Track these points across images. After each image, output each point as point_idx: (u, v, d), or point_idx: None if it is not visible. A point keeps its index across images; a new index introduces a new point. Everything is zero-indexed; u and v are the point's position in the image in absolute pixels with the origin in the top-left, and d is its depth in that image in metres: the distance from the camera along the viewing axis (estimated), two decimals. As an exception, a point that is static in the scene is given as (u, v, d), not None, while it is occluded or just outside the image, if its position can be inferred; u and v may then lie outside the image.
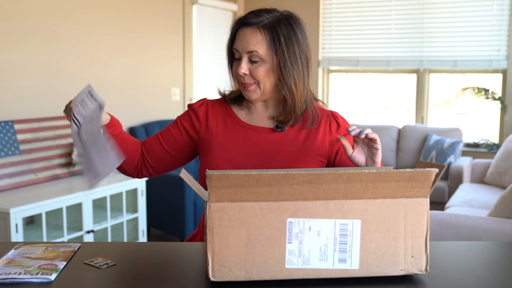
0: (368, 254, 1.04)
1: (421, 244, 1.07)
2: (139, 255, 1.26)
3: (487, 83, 5.07)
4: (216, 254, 1.03)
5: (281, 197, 1.02)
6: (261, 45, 1.37)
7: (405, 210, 1.05)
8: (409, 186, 1.03)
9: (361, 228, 1.03)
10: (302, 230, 1.03)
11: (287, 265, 1.03)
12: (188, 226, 3.84)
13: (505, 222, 2.69)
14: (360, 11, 5.39)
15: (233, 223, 1.02)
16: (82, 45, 3.77)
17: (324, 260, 1.03)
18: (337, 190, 1.02)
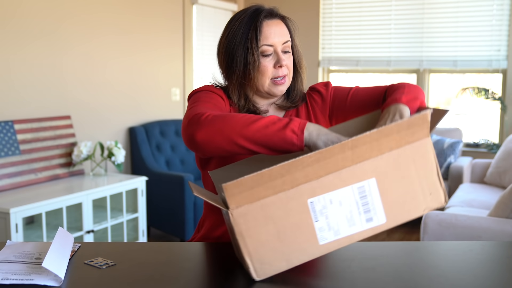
0: (391, 206, 1.08)
1: (435, 181, 1.10)
2: (139, 255, 1.26)
3: (487, 83, 5.07)
4: (253, 255, 1.06)
5: (296, 183, 1.05)
6: (288, 36, 1.42)
7: (412, 155, 1.08)
8: (410, 132, 1.07)
9: (378, 185, 1.07)
10: (324, 206, 1.06)
11: (321, 242, 1.07)
12: (188, 226, 3.84)
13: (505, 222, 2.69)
14: (360, 11, 5.39)
15: (259, 221, 1.05)
16: (82, 45, 3.77)
17: (353, 225, 1.07)
18: (345, 158, 1.05)
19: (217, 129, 1.16)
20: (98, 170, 3.65)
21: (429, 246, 1.38)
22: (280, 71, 1.39)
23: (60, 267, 1.10)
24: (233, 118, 1.17)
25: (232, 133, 1.15)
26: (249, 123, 1.15)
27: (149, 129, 4.31)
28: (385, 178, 1.08)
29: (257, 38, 1.37)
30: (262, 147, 1.16)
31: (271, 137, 1.14)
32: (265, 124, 1.15)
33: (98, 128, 3.95)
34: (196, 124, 1.18)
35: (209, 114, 1.19)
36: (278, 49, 1.39)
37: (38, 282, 1.05)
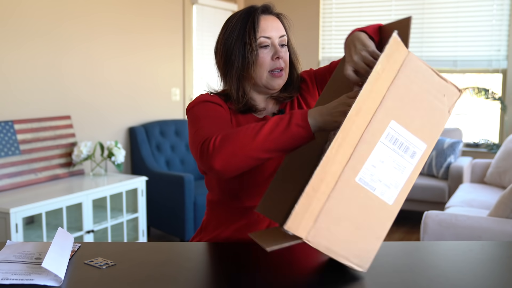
0: (422, 130, 1.10)
1: (439, 81, 1.12)
2: (139, 255, 1.26)
3: (487, 83, 5.07)
4: (348, 255, 1.09)
5: (336, 176, 1.07)
6: (284, 31, 1.45)
7: (408, 77, 1.09)
8: (393, 61, 1.09)
9: (399, 123, 1.09)
10: (372, 173, 1.08)
11: (390, 202, 1.10)
12: (188, 226, 3.84)
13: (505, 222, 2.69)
14: (360, 11, 5.39)
15: (332, 229, 1.07)
16: (82, 45, 3.77)
17: (404, 170, 1.10)
18: (359, 125, 1.06)
19: (230, 153, 1.18)
20: (98, 170, 3.65)
21: (429, 246, 1.38)
22: (277, 62, 1.40)
23: (60, 267, 1.10)
24: (238, 134, 1.19)
25: (244, 151, 1.17)
26: (255, 135, 1.17)
27: (149, 129, 4.31)
28: (400, 112, 1.09)
29: (254, 30, 1.39)
30: (277, 152, 1.18)
31: (281, 139, 1.16)
32: (270, 130, 1.17)
33: (98, 128, 3.95)
34: (208, 154, 1.20)
35: (215, 139, 1.20)
36: (275, 42, 1.41)
37: (38, 282, 1.05)
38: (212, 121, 1.32)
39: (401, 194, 1.10)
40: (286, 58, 1.44)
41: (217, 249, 1.34)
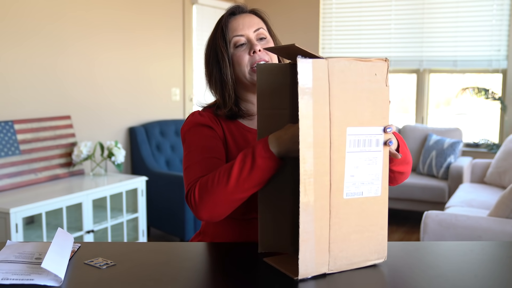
0: (373, 116, 1.12)
1: (366, 64, 1.11)
2: (139, 255, 1.26)
3: (487, 83, 5.07)
4: (366, 255, 1.15)
5: (324, 206, 1.10)
6: (261, 24, 1.44)
7: (339, 83, 1.09)
8: (316, 81, 1.06)
9: (353, 124, 1.10)
10: (353, 183, 1.12)
11: (378, 193, 1.14)
12: (188, 226, 3.84)
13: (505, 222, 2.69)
14: (360, 11, 5.39)
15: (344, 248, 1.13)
16: (82, 46, 3.77)
17: (376, 160, 1.13)
18: (320, 155, 1.08)
19: (211, 204, 1.22)
20: (98, 170, 3.65)
21: (429, 246, 1.38)
22: (256, 56, 1.39)
23: (60, 267, 1.10)
24: (213, 183, 1.21)
25: (223, 199, 1.21)
26: (227, 180, 1.19)
27: (149, 129, 4.31)
28: (350, 116, 1.09)
29: (223, 34, 1.41)
30: (255, 187, 1.21)
31: (252, 176, 1.18)
32: (239, 170, 1.19)
33: (98, 128, 3.95)
34: (194, 209, 1.25)
35: (193, 192, 1.24)
36: (250, 37, 1.40)
37: (38, 282, 1.05)
38: (198, 155, 1.34)
39: (384, 180, 1.15)
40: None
41: (217, 249, 1.34)
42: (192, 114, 1.46)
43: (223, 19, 1.43)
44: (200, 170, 1.31)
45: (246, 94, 1.46)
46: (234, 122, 1.45)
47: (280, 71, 1.22)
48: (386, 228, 1.17)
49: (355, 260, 1.14)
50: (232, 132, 1.43)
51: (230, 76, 1.41)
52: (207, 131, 1.40)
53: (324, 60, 1.07)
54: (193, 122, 1.42)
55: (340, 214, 1.10)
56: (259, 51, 1.39)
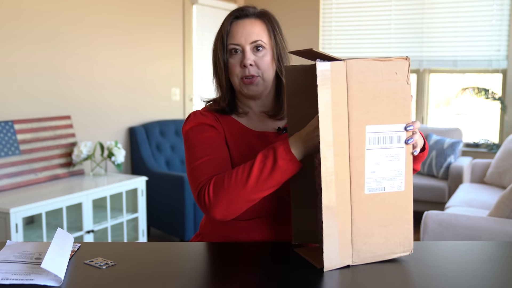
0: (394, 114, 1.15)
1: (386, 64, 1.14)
2: (139, 255, 1.26)
3: (487, 83, 5.07)
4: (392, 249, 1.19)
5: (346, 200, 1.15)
6: (264, 34, 1.40)
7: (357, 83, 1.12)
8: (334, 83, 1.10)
9: (372, 122, 1.13)
10: (374, 179, 1.15)
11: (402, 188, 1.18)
12: (188, 226, 3.84)
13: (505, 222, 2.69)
14: (360, 11, 5.39)
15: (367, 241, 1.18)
16: (82, 46, 3.77)
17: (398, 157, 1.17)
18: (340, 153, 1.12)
19: (227, 202, 1.22)
20: (98, 170, 3.65)
21: (429, 246, 1.38)
22: (246, 70, 1.37)
23: (59, 267, 1.10)
24: (230, 181, 1.22)
25: (240, 197, 1.22)
26: (246, 180, 1.20)
27: (149, 129, 4.31)
28: (369, 115, 1.12)
29: (223, 39, 1.39)
30: (272, 188, 1.22)
31: (272, 177, 1.20)
32: (259, 171, 1.20)
33: (98, 128, 3.95)
34: (207, 208, 1.24)
35: (208, 189, 1.24)
36: (245, 48, 1.38)
37: (38, 282, 1.05)
38: (204, 154, 1.33)
39: (407, 175, 1.18)
40: (261, 63, 1.38)
41: (217, 249, 1.34)
42: (193, 113, 1.46)
43: (226, 22, 1.41)
44: (209, 169, 1.30)
45: (241, 97, 1.46)
46: (234, 122, 1.45)
47: (305, 71, 1.24)
48: (412, 222, 1.20)
49: (379, 253, 1.18)
50: (231, 132, 1.43)
51: (225, 81, 1.42)
52: (210, 130, 1.40)
53: (342, 62, 1.10)
54: (196, 121, 1.42)
55: (361, 209, 1.14)
56: (250, 66, 1.37)
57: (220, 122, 1.43)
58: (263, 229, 1.38)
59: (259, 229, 1.38)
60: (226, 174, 1.24)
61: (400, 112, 1.15)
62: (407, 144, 1.17)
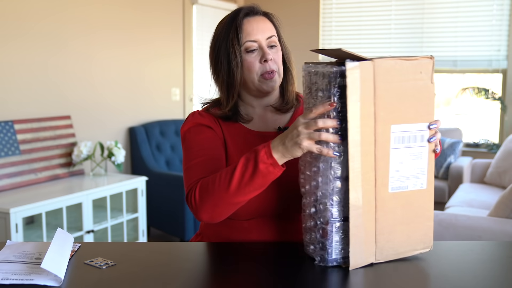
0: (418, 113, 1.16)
1: (412, 63, 1.14)
2: (139, 255, 1.26)
3: (487, 83, 5.07)
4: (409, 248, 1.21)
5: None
6: (274, 30, 1.42)
7: (384, 83, 1.12)
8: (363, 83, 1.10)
9: (397, 121, 1.13)
10: (398, 177, 1.16)
11: (424, 187, 1.19)
12: (188, 226, 3.84)
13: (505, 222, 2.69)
14: (360, 11, 5.39)
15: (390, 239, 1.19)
16: (82, 45, 3.77)
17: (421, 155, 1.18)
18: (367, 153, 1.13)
19: (211, 205, 1.22)
20: (98, 170, 3.65)
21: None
22: (267, 65, 1.38)
23: (59, 267, 1.10)
24: (214, 185, 1.21)
25: (224, 201, 1.21)
26: (228, 183, 1.19)
27: (149, 129, 4.31)
28: (394, 114, 1.13)
29: (238, 36, 1.38)
30: (255, 191, 1.20)
31: (253, 181, 1.18)
32: (240, 174, 1.18)
33: (98, 128, 3.95)
34: (193, 210, 1.25)
35: (194, 192, 1.24)
36: (262, 44, 1.38)
37: (38, 282, 1.05)
38: (198, 156, 1.35)
39: (429, 174, 1.19)
40: (278, 59, 1.41)
41: (217, 249, 1.34)
42: (192, 114, 1.46)
43: (238, 19, 1.39)
44: (200, 171, 1.31)
45: (248, 97, 1.46)
46: (235, 124, 1.44)
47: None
48: (432, 219, 1.22)
49: (401, 250, 1.19)
50: (232, 134, 1.43)
51: (240, 80, 1.41)
52: (207, 131, 1.40)
53: (371, 62, 1.10)
54: (193, 122, 1.42)
55: (385, 208, 1.15)
56: (270, 60, 1.38)
57: (219, 122, 1.43)
58: (263, 229, 1.38)
59: (259, 229, 1.38)
60: (211, 177, 1.24)
61: (424, 111, 1.16)
62: (429, 143, 1.18)
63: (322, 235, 1.16)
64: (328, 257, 1.15)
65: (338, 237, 1.15)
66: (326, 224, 1.15)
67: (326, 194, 1.14)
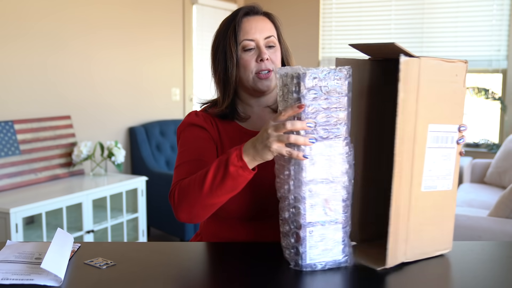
0: (452, 115, 1.18)
1: (450, 65, 1.15)
2: (139, 255, 1.26)
3: (487, 83, 5.07)
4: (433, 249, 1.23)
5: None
6: (273, 31, 1.43)
7: (427, 82, 1.12)
8: (410, 80, 1.10)
9: (434, 121, 1.15)
10: (430, 176, 1.18)
11: (449, 188, 1.21)
12: (188, 226, 3.84)
13: (505, 222, 2.69)
14: (360, 11, 5.39)
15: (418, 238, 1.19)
16: (82, 45, 3.77)
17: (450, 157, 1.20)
18: (408, 151, 1.14)
19: (188, 206, 1.23)
20: (98, 170, 3.65)
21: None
22: (262, 65, 1.38)
23: (59, 267, 1.10)
24: (189, 187, 1.22)
25: (198, 202, 1.22)
26: (201, 185, 1.19)
27: (149, 129, 4.31)
28: (433, 114, 1.13)
29: (236, 34, 1.39)
30: (227, 194, 1.20)
31: (224, 183, 1.17)
32: (213, 176, 1.18)
33: (98, 128, 3.95)
34: (174, 209, 1.27)
35: (174, 193, 1.26)
36: (260, 44, 1.39)
37: (38, 282, 1.05)
38: (187, 156, 1.36)
39: (455, 175, 1.21)
40: (275, 59, 1.41)
41: (217, 249, 1.34)
42: (189, 113, 1.47)
43: (237, 18, 1.41)
44: (184, 172, 1.32)
45: (245, 95, 1.46)
46: (231, 123, 1.45)
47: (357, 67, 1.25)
48: (453, 220, 1.24)
49: (427, 250, 1.20)
50: (229, 134, 1.43)
51: (235, 78, 1.41)
52: (199, 132, 1.41)
53: (418, 59, 1.10)
54: (188, 122, 1.44)
55: (417, 207, 1.16)
56: (266, 60, 1.38)
57: (216, 122, 1.44)
58: (263, 229, 1.38)
59: (259, 230, 1.38)
60: (189, 178, 1.25)
61: (456, 113, 1.18)
62: (458, 144, 1.19)
63: (296, 239, 1.13)
64: (302, 262, 1.13)
65: (313, 241, 1.12)
66: (299, 228, 1.12)
67: (299, 198, 1.11)
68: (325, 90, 1.09)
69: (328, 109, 1.10)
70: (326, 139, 1.11)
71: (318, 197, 1.12)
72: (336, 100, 1.10)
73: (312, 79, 1.08)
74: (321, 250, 1.13)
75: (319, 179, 1.11)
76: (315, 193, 1.11)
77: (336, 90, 1.10)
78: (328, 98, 1.10)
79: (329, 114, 1.10)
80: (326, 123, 1.10)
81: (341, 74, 1.10)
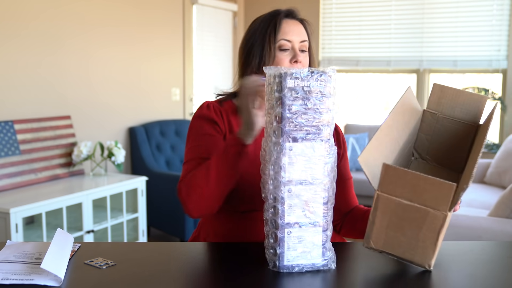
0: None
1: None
2: (139, 255, 1.26)
3: (487, 83, 5.07)
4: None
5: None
6: (306, 36, 1.47)
7: None
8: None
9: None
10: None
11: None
12: (188, 226, 3.84)
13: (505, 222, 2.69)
14: (360, 11, 5.39)
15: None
16: (82, 45, 3.77)
17: None
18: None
19: (197, 199, 1.28)
20: (98, 170, 3.65)
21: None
22: (295, 66, 1.41)
23: (59, 267, 1.10)
24: (196, 179, 1.28)
25: (209, 193, 1.27)
26: (206, 174, 1.26)
27: (149, 129, 4.31)
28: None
29: (275, 33, 1.42)
30: (232, 170, 1.26)
31: (226, 161, 1.25)
32: (215, 161, 1.27)
33: (98, 128, 3.95)
34: (183, 206, 1.31)
35: (181, 190, 1.31)
36: (295, 46, 1.43)
37: (38, 282, 1.05)
38: (195, 152, 1.40)
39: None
40: (305, 63, 1.44)
41: (217, 249, 1.34)
42: (201, 105, 1.49)
43: (278, 17, 1.44)
44: (192, 167, 1.35)
45: None
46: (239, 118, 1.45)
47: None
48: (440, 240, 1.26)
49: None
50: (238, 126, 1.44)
51: None
52: (209, 128, 1.43)
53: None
54: (199, 114, 1.46)
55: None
56: (300, 62, 1.42)
57: (226, 116, 1.45)
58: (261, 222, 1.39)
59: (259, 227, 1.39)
60: (194, 171, 1.30)
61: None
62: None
63: (274, 240, 1.12)
64: (280, 263, 1.11)
65: (291, 243, 1.11)
66: (277, 229, 1.11)
67: (278, 199, 1.10)
68: (307, 90, 1.09)
69: (311, 109, 1.09)
70: (307, 140, 1.10)
71: (297, 198, 1.10)
72: (318, 101, 1.09)
73: (294, 79, 1.08)
74: (299, 252, 1.11)
75: (298, 180, 1.10)
76: (294, 194, 1.10)
77: (319, 91, 1.09)
78: (310, 99, 1.09)
79: (311, 115, 1.09)
80: (307, 123, 1.09)
81: (324, 75, 1.09)
